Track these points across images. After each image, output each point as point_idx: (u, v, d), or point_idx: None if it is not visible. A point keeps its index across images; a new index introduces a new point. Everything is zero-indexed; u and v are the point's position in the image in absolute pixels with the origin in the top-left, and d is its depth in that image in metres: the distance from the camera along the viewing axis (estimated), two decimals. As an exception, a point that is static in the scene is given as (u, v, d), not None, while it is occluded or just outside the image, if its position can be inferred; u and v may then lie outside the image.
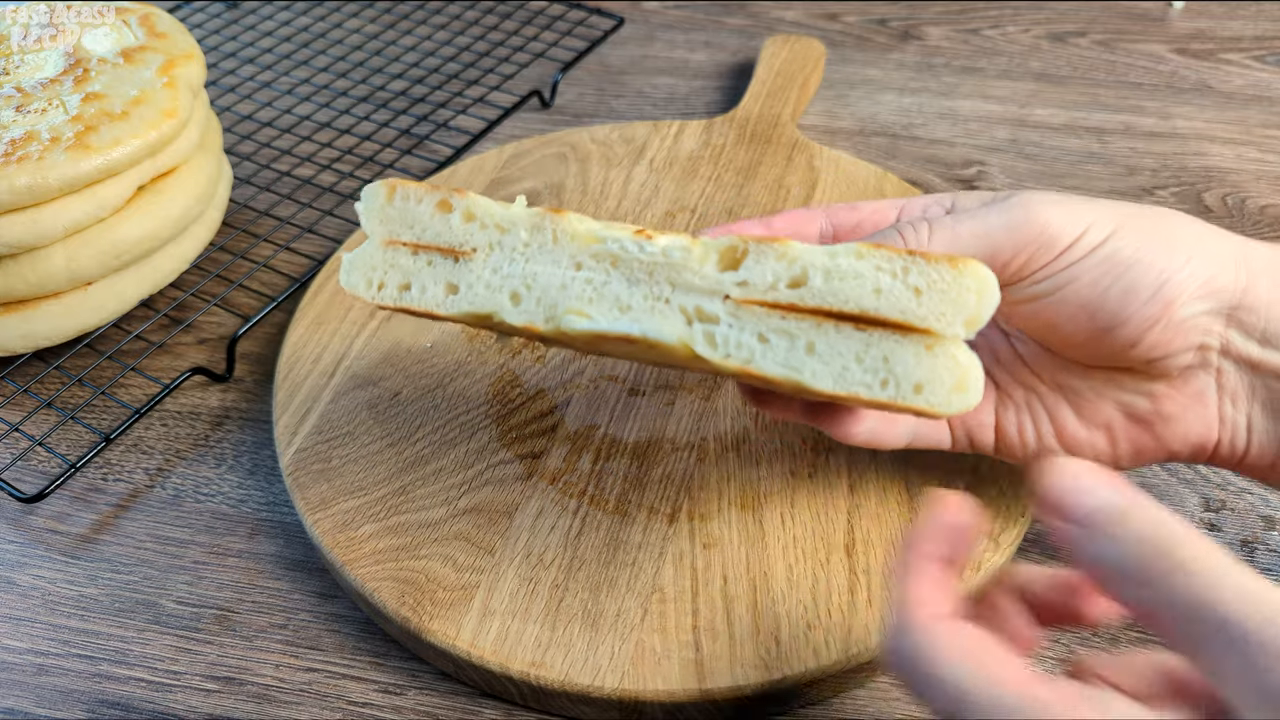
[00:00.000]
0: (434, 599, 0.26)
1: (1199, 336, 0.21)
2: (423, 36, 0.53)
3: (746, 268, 0.20)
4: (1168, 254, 0.21)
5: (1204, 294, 0.21)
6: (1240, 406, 0.22)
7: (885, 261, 0.19)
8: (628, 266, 0.20)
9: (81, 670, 0.27)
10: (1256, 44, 0.51)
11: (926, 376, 0.19)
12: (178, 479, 0.32)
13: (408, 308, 0.22)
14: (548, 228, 0.21)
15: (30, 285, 0.33)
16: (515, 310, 0.21)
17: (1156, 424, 0.23)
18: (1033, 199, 0.21)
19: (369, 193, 0.22)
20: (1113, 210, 0.21)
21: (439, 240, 0.22)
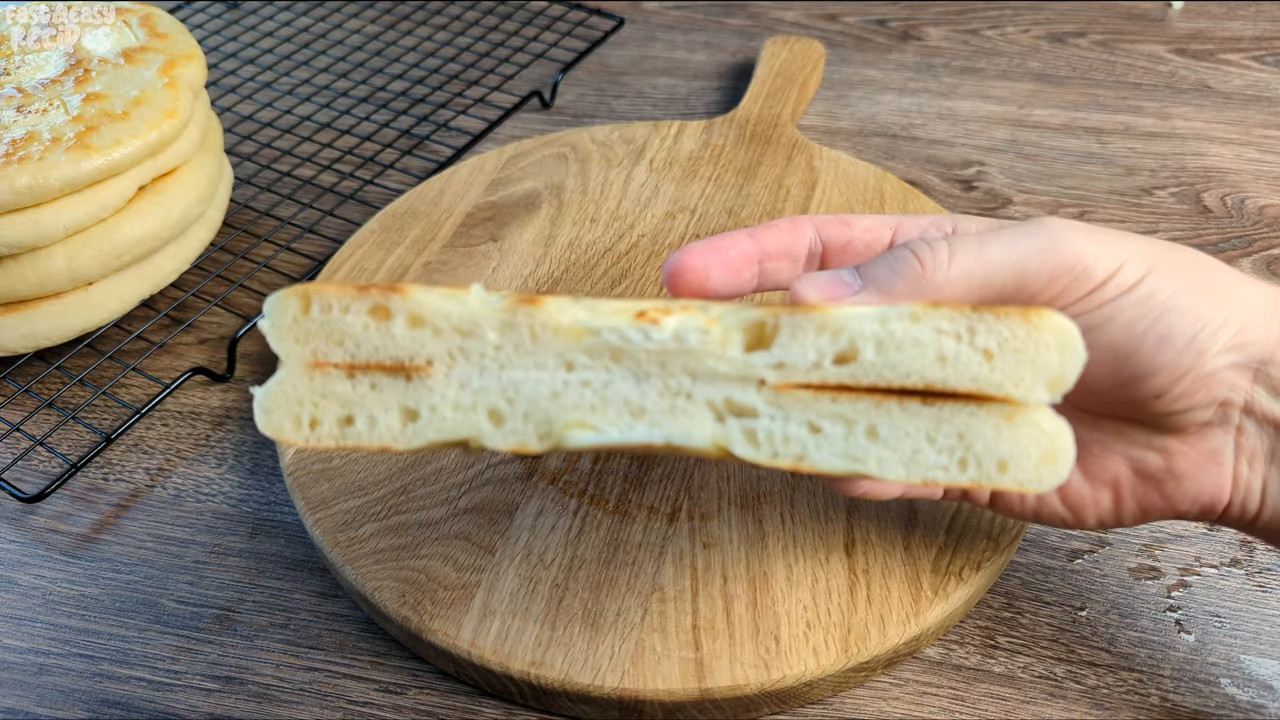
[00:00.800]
0: (434, 598, 0.26)
1: (1224, 391, 0.20)
2: (423, 37, 0.53)
3: (781, 345, 0.16)
4: (1204, 300, 0.19)
5: (1234, 345, 0.19)
6: (1257, 468, 0.21)
7: (947, 323, 0.16)
8: (633, 359, 0.16)
9: (82, 670, 0.27)
10: (1255, 44, 0.51)
11: (1010, 451, 0.16)
12: (178, 479, 0.32)
13: (355, 446, 0.17)
14: (522, 324, 0.17)
15: (31, 285, 0.33)
16: (499, 432, 0.17)
17: (1167, 482, 0.21)
18: (1061, 225, 0.19)
19: (274, 307, 0.17)
20: (1147, 247, 0.20)
21: (380, 356, 0.17)
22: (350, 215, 0.41)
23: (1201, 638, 0.26)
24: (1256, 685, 0.25)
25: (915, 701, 0.25)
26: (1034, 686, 0.25)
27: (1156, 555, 0.28)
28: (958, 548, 0.26)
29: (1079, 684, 0.25)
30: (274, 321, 0.17)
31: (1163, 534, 0.29)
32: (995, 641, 0.26)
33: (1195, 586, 0.27)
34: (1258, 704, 0.25)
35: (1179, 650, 0.26)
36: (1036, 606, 0.27)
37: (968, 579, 0.26)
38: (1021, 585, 0.28)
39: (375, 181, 0.43)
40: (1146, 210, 0.41)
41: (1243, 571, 0.28)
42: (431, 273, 0.37)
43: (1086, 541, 0.29)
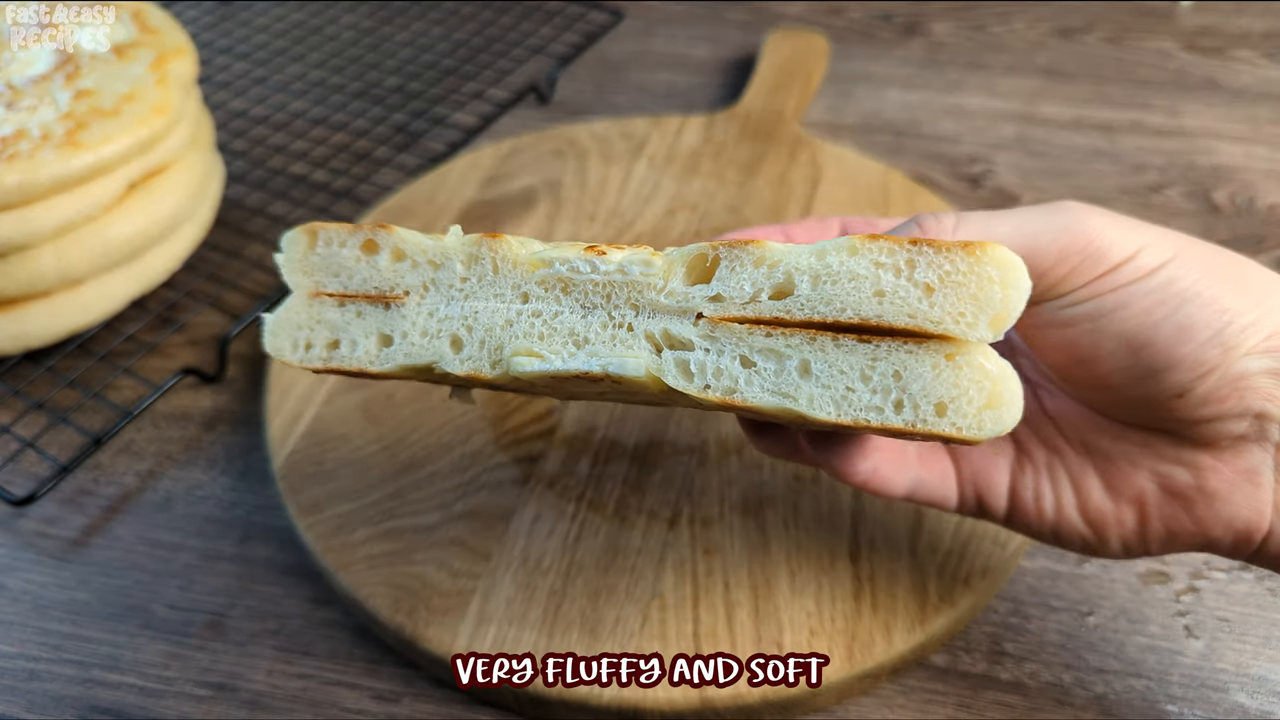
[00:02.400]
0: (429, 605, 0.25)
1: (1259, 401, 0.18)
2: (418, 32, 0.52)
3: (720, 279, 0.16)
4: (1235, 293, 0.18)
5: (1270, 348, 0.18)
6: None
7: (886, 256, 0.15)
8: (581, 291, 0.17)
9: (72, 675, 0.26)
10: (1265, 40, 0.50)
11: (950, 393, 0.15)
12: (169, 482, 0.32)
13: (338, 368, 0.19)
14: (485, 256, 0.18)
15: (20, 284, 0.32)
16: (457, 358, 0.18)
17: (1198, 502, 0.19)
18: (1079, 207, 0.18)
19: (289, 241, 0.20)
20: (1172, 235, 0.18)
21: (367, 286, 0.19)
22: (344, 212, 0.40)
23: (1210, 643, 0.26)
24: (1266, 691, 0.25)
25: (921, 709, 0.25)
26: (1041, 694, 0.25)
27: (1165, 560, 0.28)
28: (964, 553, 0.26)
29: (1087, 691, 0.25)
30: (287, 255, 0.20)
31: (1172, 538, 0.28)
32: (1002, 648, 0.26)
33: (1204, 592, 0.27)
34: (1268, 711, 0.24)
35: (1188, 656, 0.25)
36: (1044, 613, 0.27)
37: (974, 585, 0.25)
38: (1029, 591, 0.27)
39: (369, 178, 0.42)
40: (1155, 208, 0.41)
41: (1252, 576, 0.27)
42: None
43: (1094, 546, 0.28)
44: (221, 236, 0.39)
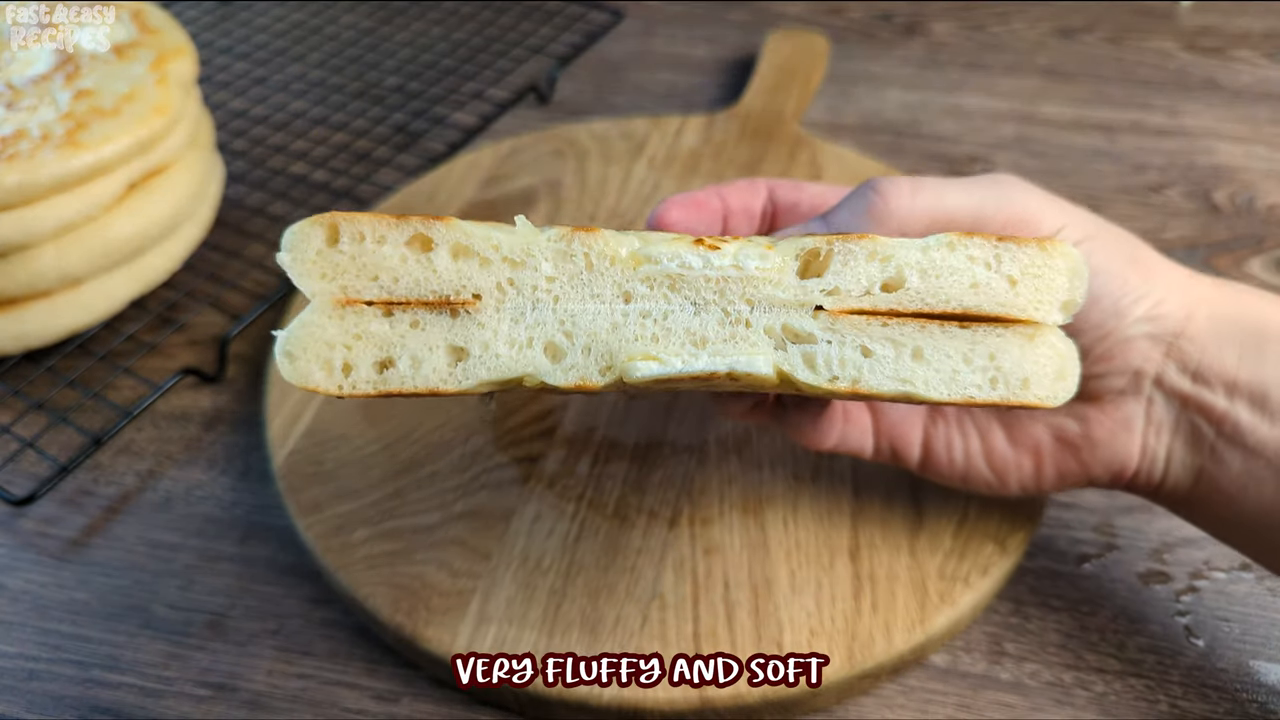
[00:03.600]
0: (429, 605, 0.25)
1: (1139, 360, 0.21)
2: (418, 32, 0.52)
3: (835, 272, 0.17)
4: (1131, 268, 0.21)
5: (1150, 316, 0.21)
6: (1162, 438, 0.22)
7: (978, 250, 0.17)
8: (691, 288, 0.16)
9: (72, 675, 0.26)
10: (1265, 40, 0.50)
11: (1032, 370, 0.17)
12: (169, 482, 0.32)
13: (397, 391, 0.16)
14: (578, 252, 0.16)
15: (20, 284, 0.32)
16: (558, 368, 0.16)
17: (1083, 448, 0.23)
18: (1015, 181, 0.21)
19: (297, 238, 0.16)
20: (1086, 216, 0.22)
21: (422, 291, 0.16)
22: (345, 213, 0.40)
23: (1211, 643, 0.26)
24: (1267, 691, 0.25)
25: (921, 709, 0.25)
26: (1042, 694, 0.25)
27: (1165, 560, 0.28)
28: (964, 553, 0.26)
29: (1087, 691, 0.25)
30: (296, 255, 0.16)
31: (1172, 538, 0.28)
32: (1002, 648, 0.26)
33: (1204, 591, 0.27)
34: (1269, 710, 0.24)
35: (1188, 656, 0.25)
36: (1044, 612, 0.26)
37: (975, 585, 0.25)
38: (1029, 591, 0.27)
39: (369, 178, 0.42)
40: (1155, 208, 0.41)
41: (1253, 576, 0.27)
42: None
43: (1095, 547, 0.28)
44: (221, 236, 0.39)
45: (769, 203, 0.24)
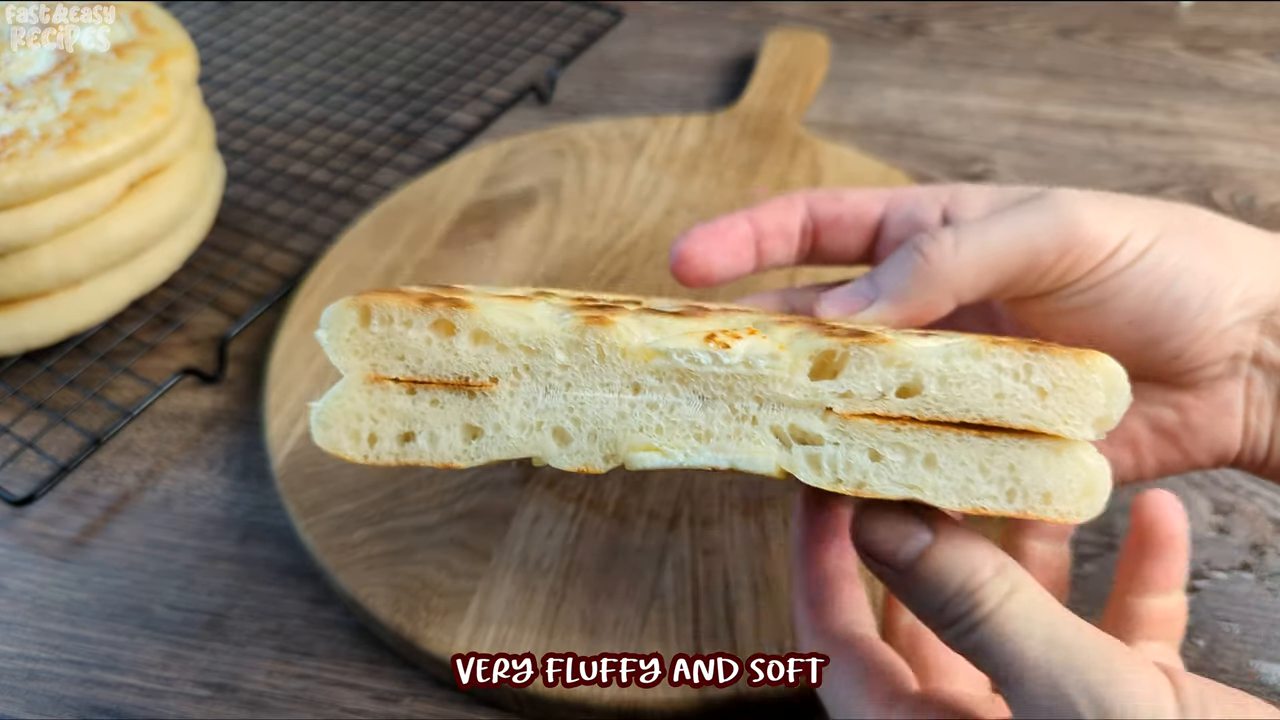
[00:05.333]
0: (429, 606, 0.25)
1: (1235, 346, 0.20)
2: (418, 31, 0.52)
3: (849, 376, 0.17)
4: (1214, 259, 0.20)
5: (1243, 301, 0.20)
6: (1265, 416, 0.21)
7: (1006, 360, 0.16)
8: (700, 383, 0.17)
9: (72, 676, 0.26)
10: (1265, 40, 0.50)
11: (1055, 485, 0.16)
12: (168, 482, 0.32)
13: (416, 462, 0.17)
14: (590, 344, 0.17)
15: (19, 285, 0.32)
16: (564, 452, 0.17)
17: (1183, 437, 0.22)
18: (1067, 197, 0.20)
19: (334, 319, 0.17)
20: (1151, 210, 0.20)
21: (443, 373, 0.17)
22: (343, 212, 0.40)
23: (1211, 644, 0.26)
24: (1268, 691, 0.25)
25: (920, 711, 0.24)
26: (1041, 695, 0.25)
27: (1166, 560, 0.28)
28: (964, 554, 0.26)
29: (1087, 692, 0.25)
30: (332, 333, 0.17)
31: (1172, 539, 0.28)
32: (1002, 649, 0.26)
33: (1205, 591, 0.27)
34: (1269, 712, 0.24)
35: (1189, 656, 0.25)
36: (1044, 613, 0.26)
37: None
38: (1028, 591, 0.27)
39: (369, 178, 0.42)
40: (1155, 207, 0.41)
41: (1253, 576, 0.27)
42: (426, 271, 0.36)
43: (1095, 547, 0.28)
44: (221, 236, 0.39)
45: (809, 219, 0.23)
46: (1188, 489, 0.30)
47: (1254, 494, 0.29)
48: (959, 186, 0.23)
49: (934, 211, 0.22)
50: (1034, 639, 0.15)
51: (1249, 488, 0.30)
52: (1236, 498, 0.29)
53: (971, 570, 0.16)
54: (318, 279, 0.36)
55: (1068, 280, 0.20)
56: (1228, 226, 0.21)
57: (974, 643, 0.16)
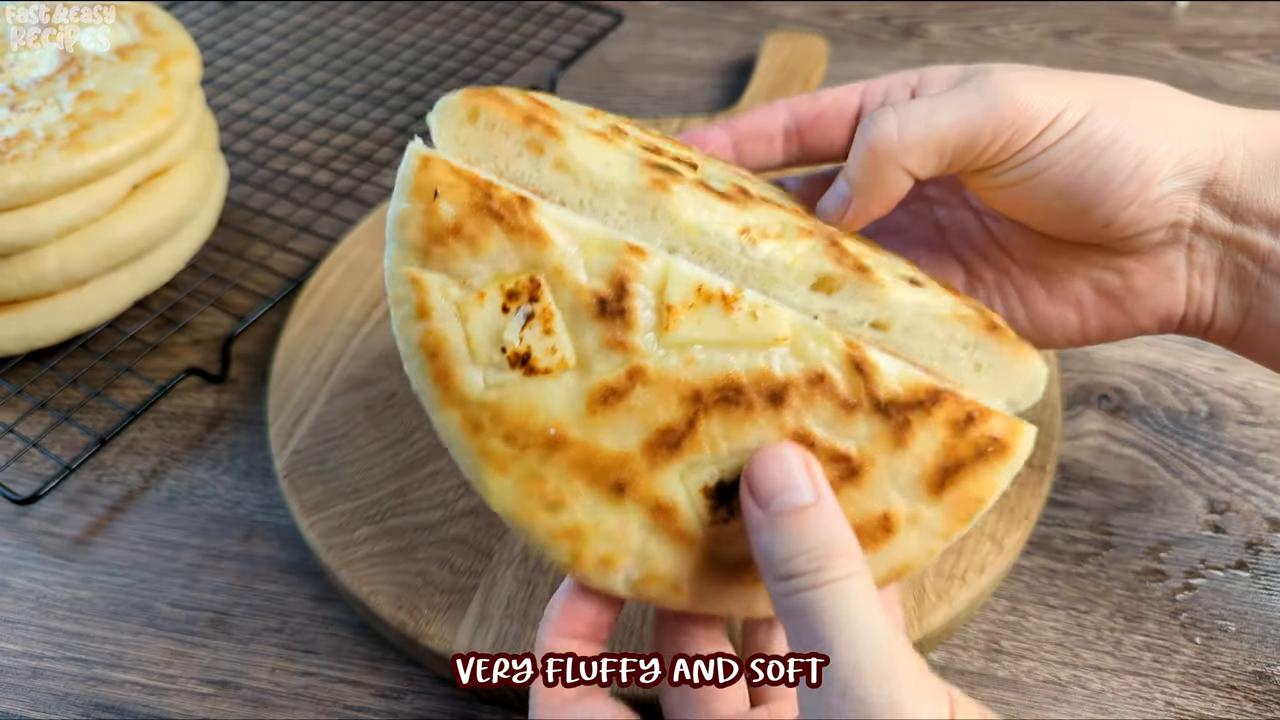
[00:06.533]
0: (431, 603, 0.26)
1: (1173, 214, 0.21)
2: (420, 34, 0.52)
3: (840, 299, 0.20)
4: (1146, 131, 0.21)
5: (1180, 171, 0.21)
6: (1208, 281, 0.22)
7: (960, 334, 0.20)
8: (723, 260, 0.19)
9: (75, 674, 0.27)
10: (1261, 42, 0.50)
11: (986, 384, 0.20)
12: (172, 481, 0.32)
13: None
14: (649, 204, 0.19)
15: (24, 285, 0.32)
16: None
17: (1126, 299, 0.23)
18: (1008, 78, 0.21)
19: (447, 108, 0.19)
20: (1089, 86, 0.21)
21: (523, 181, 0.19)
22: (346, 213, 0.41)
23: (1207, 641, 0.26)
24: (1263, 689, 0.25)
25: (918, 707, 0.25)
26: (1038, 691, 0.25)
27: (1162, 558, 0.28)
28: (961, 550, 0.26)
29: (1084, 688, 0.25)
30: (442, 119, 0.19)
31: (1168, 536, 0.29)
32: (999, 646, 0.26)
33: (1201, 590, 0.27)
34: (1264, 708, 0.24)
35: (1185, 654, 0.26)
36: (1041, 610, 0.27)
37: (972, 583, 0.25)
38: (1026, 589, 0.27)
39: (371, 179, 0.42)
40: (1151, 209, 0.41)
41: (1249, 574, 0.27)
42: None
43: (1091, 545, 0.28)
44: (224, 237, 0.39)
45: (791, 120, 0.24)
46: (1184, 488, 0.30)
47: (1250, 492, 0.30)
48: (926, 69, 0.24)
49: (904, 95, 0.23)
50: (855, 622, 0.16)
51: (1244, 486, 0.30)
52: (1232, 496, 0.30)
53: (831, 540, 0.17)
54: (320, 279, 0.36)
55: (1003, 157, 0.21)
56: (1172, 98, 0.22)
57: (800, 603, 0.17)
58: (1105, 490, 0.30)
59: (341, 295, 0.35)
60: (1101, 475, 0.30)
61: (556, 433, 0.19)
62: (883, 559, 0.19)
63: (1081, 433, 0.31)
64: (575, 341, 0.19)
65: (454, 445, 0.19)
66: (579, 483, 0.19)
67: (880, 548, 0.19)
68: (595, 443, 0.19)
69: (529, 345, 0.19)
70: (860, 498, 0.19)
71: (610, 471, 0.19)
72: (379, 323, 0.34)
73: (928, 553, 0.19)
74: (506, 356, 0.19)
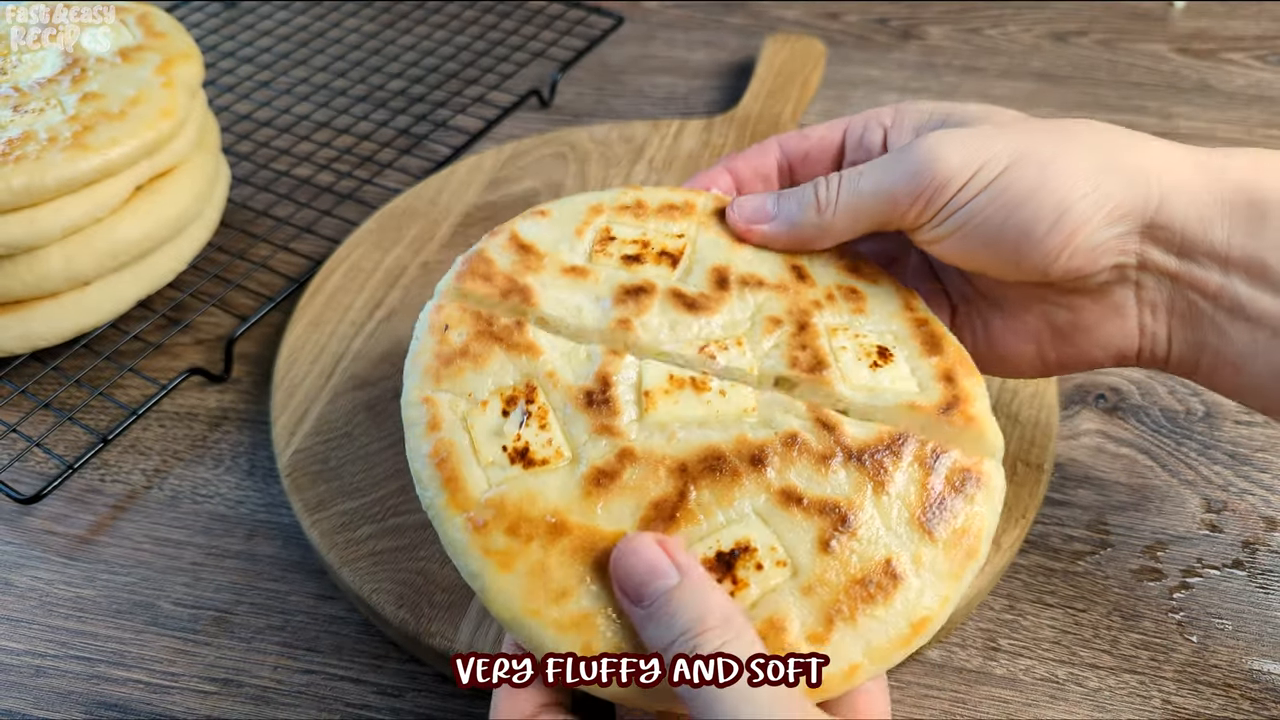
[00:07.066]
0: (432, 601, 0.26)
1: (1113, 258, 0.22)
2: (421, 36, 0.53)
3: (799, 395, 0.22)
4: (1069, 182, 0.21)
5: (1114, 219, 0.21)
6: (1160, 317, 0.23)
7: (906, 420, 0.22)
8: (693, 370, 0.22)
9: (79, 672, 0.27)
10: (1258, 43, 0.51)
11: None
12: (175, 480, 0.32)
13: None
14: (618, 340, 0.23)
15: (28, 286, 0.32)
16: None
17: (1077, 335, 0.24)
18: (937, 140, 0.22)
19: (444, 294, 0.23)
20: (1016, 140, 0.22)
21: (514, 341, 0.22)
22: (348, 215, 0.41)
23: (1204, 640, 0.26)
24: (1259, 687, 0.25)
25: (916, 704, 0.25)
26: (1035, 689, 0.25)
27: (1158, 557, 0.28)
28: (959, 550, 0.26)
29: (1081, 687, 0.25)
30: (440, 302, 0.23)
31: (1165, 536, 0.29)
32: (997, 644, 0.26)
33: (1197, 588, 0.27)
34: (1261, 706, 0.25)
35: (1181, 652, 0.26)
36: (1038, 609, 0.27)
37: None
38: (1023, 587, 0.27)
39: (373, 181, 0.43)
40: (1148, 210, 0.41)
41: (1245, 573, 0.28)
42: (430, 273, 0.37)
43: (1088, 544, 0.29)
44: (227, 238, 0.40)
45: (783, 158, 0.26)
46: (1180, 487, 0.30)
47: (1246, 492, 0.30)
48: (902, 106, 0.25)
49: (878, 135, 0.25)
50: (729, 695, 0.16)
51: (1240, 485, 0.30)
52: (1228, 495, 0.30)
53: (704, 614, 0.17)
54: (323, 280, 0.36)
55: (925, 218, 0.23)
56: (1098, 144, 0.22)
57: (685, 694, 0.17)
58: (1102, 489, 0.30)
59: (344, 296, 0.35)
60: (1098, 474, 0.30)
61: (556, 519, 0.19)
62: (898, 614, 0.19)
63: (1078, 432, 0.32)
64: (568, 433, 0.21)
65: (459, 553, 0.20)
66: (582, 567, 0.19)
67: (892, 600, 0.19)
68: (594, 524, 0.19)
69: (527, 441, 0.20)
70: (859, 547, 0.19)
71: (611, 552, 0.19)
72: (381, 323, 0.35)
73: (942, 599, 0.19)
74: (507, 454, 0.20)
